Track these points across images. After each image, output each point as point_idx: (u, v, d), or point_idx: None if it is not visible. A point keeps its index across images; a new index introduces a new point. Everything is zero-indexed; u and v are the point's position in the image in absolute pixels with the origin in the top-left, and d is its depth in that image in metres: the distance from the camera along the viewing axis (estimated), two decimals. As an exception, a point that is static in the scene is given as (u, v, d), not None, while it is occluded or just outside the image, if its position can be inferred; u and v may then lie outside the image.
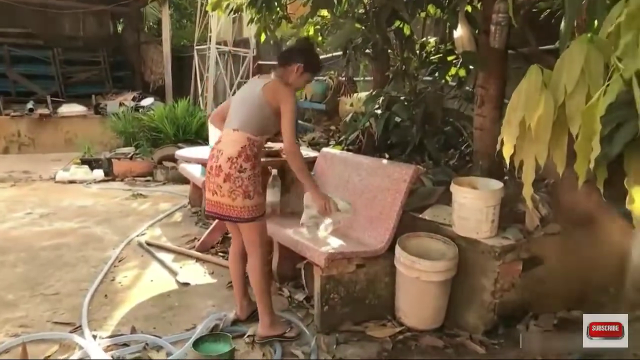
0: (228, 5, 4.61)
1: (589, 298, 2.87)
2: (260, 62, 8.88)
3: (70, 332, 2.67)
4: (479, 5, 3.22)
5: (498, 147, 1.51)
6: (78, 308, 2.91)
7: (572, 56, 1.33)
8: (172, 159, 5.64)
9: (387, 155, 3.77)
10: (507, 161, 1.51)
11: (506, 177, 3.03)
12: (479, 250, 2.60)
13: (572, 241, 2.77)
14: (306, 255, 2.74)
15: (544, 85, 1.40)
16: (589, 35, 1.35)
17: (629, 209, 1.34)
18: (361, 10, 3.78)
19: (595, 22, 1.61)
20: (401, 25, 3.73)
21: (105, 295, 3.12)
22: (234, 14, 4.79)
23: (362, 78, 5.43)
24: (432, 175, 3.30)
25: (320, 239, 2.72)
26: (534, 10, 3.01)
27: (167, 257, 3.72)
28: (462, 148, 3.82)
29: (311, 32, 4.64)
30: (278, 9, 4.19)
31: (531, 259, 2.65)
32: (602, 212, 2.67)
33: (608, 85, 1.14)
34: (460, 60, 3.44)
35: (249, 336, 2.58)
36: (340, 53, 4.12)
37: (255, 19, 4.45)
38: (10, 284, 3.24)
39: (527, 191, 1.46)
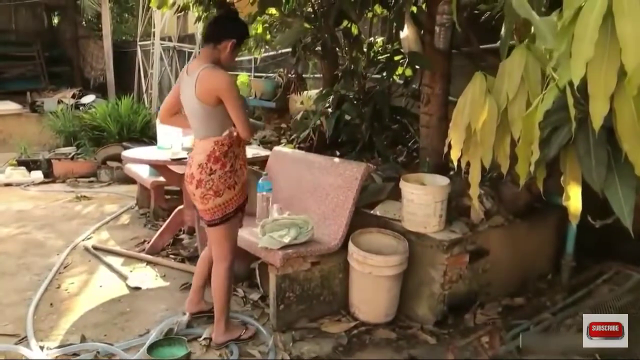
0: (174, 3, 4.51)
1: (529, 285, 3.05)
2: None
3: (16, 343, 2.55)
4: (424, 6, 3.32)
5: (445, 149, 1.58)
6: (22, 318, 2.78)
7: (513, 64, 1.42)
8: (117, 158, 5.45)
9: (338, 153, 3.83)
10: (455, 163, 1.58)
11: (452, 173, 3.15)
12: (427, 244, 2.70)
13: (515, 232, 2.93)
14: (261, 256, 2.74)
15: (488, 91, 1.48)
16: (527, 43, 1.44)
17: (565, 205, 1.44)
18: (309, 10, 3.81)
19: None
20: (349, 25, 3.79)
21: (51, 304, 3.00)
22: (180, 12, 4.69)
23: (311, 76, 5.47)
24: (382, 172, 3.38)
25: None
26: (476, 12, 3.14)
27: (115, 261, 3.61)
28: (410, 144, 3.94)
29: (260, 30, 4.63)
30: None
31: (477, 250, 2.77)
32: (541, 205, 2.84)
33: (545, 93, 1.23)
34: (407, 60, 3.53)
35: (204, 339, 2.56)
36: (289, 50, 4.12)
37: (203, 17, 4.39)
38: (-55, 297, 3.06)
39: (474, 192, 1.54)
